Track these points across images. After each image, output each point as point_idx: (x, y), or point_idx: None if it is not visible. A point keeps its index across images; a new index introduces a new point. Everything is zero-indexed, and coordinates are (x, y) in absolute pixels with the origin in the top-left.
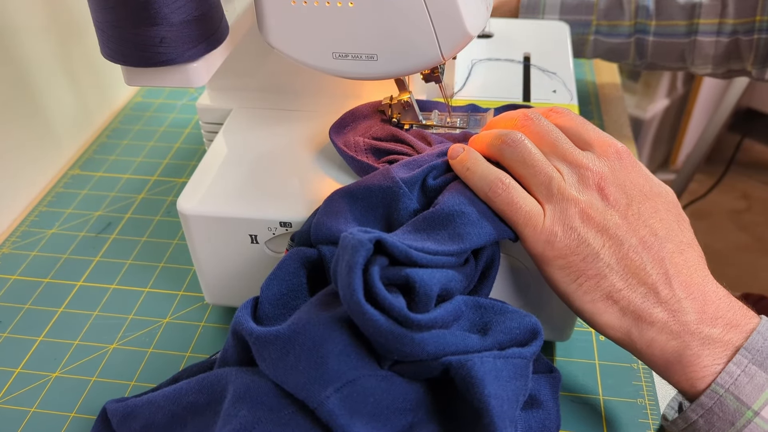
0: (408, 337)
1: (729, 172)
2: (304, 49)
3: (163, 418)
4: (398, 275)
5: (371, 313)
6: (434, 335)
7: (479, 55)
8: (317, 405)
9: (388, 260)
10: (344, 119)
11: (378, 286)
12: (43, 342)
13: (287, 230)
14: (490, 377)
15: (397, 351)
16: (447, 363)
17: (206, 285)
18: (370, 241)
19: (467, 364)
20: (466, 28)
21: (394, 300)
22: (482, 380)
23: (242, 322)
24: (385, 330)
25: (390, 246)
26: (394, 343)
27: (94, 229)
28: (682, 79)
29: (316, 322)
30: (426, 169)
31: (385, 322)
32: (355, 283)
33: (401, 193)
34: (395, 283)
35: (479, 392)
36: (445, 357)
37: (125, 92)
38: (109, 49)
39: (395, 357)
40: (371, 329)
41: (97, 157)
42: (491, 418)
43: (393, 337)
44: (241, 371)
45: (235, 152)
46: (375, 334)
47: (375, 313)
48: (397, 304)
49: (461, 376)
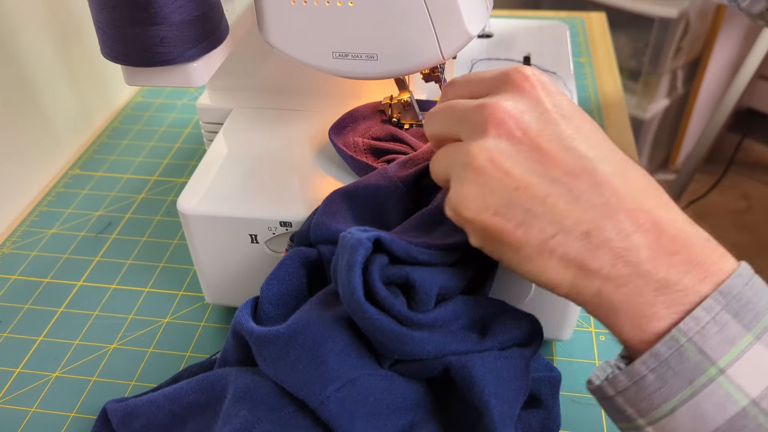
0: (408, 336)
1: (729, 172)
2: (304, 49)
3: (164, 417)
4: (398, 274)
5: (371, 312)
6: (435, 335)
7: (479, 55)
8: (317, 404)
9: (388, 259)
10: (344, 120)
11: (378, 285)
12: (44, 342)
13: (287, 230)
14: (491, 377)
15: (398, 350)
16: (447, 362)
17: (206, 285)
18: (369, 239)
19: (467, 364)
20: (467, 27)
21: (395, 299)
22: (482, 380)
23: (242, 322)
24: (385, 329)
25: (389, 244)
26: (394, 342)
27: (95, 228)
28: (682, 79)
29: (316, 322)
30: (423, 167)
31: (386, 321)
32: (355, 282)
33: (399, 192)
34: (395, 282)
35: (480, 392)
36: (445, 356)
37: (125, 92)
38: (109, 48)
39: (396, 356)
40: (372, 328)
41: (97, 157)
42: (491, 418)
43: (393, 336)
44: (242, 371)
45: (235, 152)
46: (375, 334)
47: (375, 312)
48: (398, 303)
49: (461, 375)
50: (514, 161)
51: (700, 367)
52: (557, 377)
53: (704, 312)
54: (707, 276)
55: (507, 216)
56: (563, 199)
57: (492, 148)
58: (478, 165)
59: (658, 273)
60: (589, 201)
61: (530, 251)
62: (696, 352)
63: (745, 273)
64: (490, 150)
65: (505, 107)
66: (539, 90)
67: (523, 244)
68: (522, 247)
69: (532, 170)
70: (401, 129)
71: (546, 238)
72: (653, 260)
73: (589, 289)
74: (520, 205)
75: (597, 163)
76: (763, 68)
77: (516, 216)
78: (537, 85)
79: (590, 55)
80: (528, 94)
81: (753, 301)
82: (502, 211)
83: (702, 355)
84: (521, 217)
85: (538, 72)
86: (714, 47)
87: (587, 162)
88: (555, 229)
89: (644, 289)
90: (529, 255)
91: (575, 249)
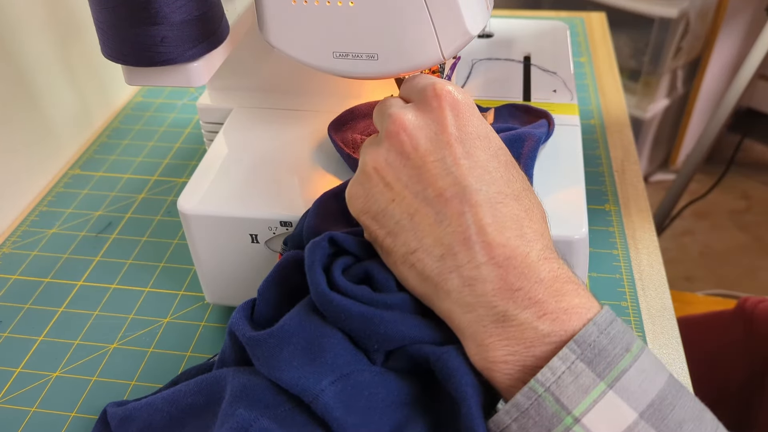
0: (378, 317)
1: (729, 172)
2: (304, 49)
3: (162, 420)
4: (359, 270)
5: (338, 300)
6: (407, 318)
7: (479, 55)
8: (312, 399)
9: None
10: (343, 117)
11: (339, 278)
12: (44, 342)
13: (287, 230)
14: (466, 368)
15: (374, 334)
16: (425, 354)
17: (207, 284)
18: (323, 239)
19: (443, 356)
20: (467, 27)
21: (357, 287)
22: (458, 370)
23: (237, 323)
24: (354, 313)
25: (342, 241)
26: (368, 324)
27: (95, 228)
28: (682, 79)
29: (308, 320)
30: None
31: (353, 305)
32: (317, 278)
33: None
34: (359, 277)
35: (457, 382)
36: (425, 344)
37: (125, 92)
38: (110, 48)
39: (375, 343)
40: (342, 316)
41: (97, 157)
42: (469, 408)
43: (364, 319)
44: (238, 371)
45: (235, 152)
46: (347, 321)
47: (341, 299)
48: (361, 289)
49: (439, 367)
50: (396, 175)
51: (557, 417)
52: None
53: (560, 362)
54: (546, 314)
55: (381, 223)
56: (429, 219)
57: (380, 159)
58: (366, 170)
59: (497, 306)
60: (450, 226)
61: (396, 258)
62: (553, 401)
63: (602, 321)
64: (379, 160)
65: (403, 121)
66: (446, 110)
67: (391, 252)
68: (390, 253)
69: (411, 186)
70: None
71: (408, 252)
72: (496, 293)
73: (443, 307)
74: (392, 216)
75: (471, 192)
76: (763, 68)
77: (387, 225)
78: (445, 105)
79: (590, 55)
80: (433, 112)
81: (607, 348)
82: (378, 217)
83: (559, 404)
84: (391, 227)
85: (457, 91)
86: (714, 47)
87: (461, 189)
88: (416, 245)
89: (485, 319)
90: (395, 262)
91: (431, 268)
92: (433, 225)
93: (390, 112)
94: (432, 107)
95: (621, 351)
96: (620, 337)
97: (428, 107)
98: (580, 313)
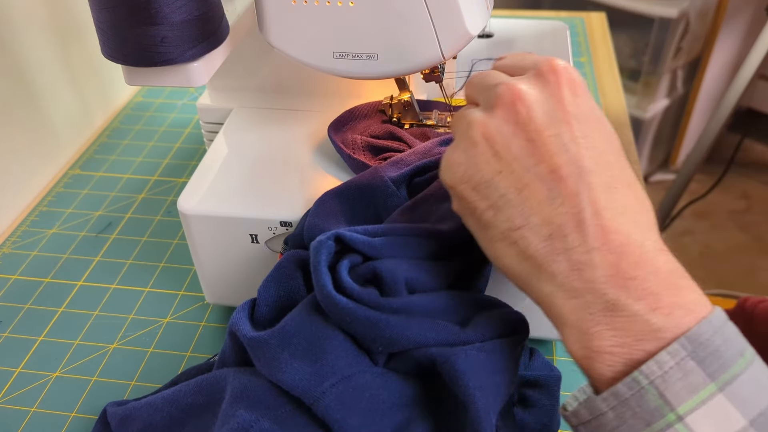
0: (384, 321)
1: (729, 172)
2: (304, 49)
3: (162, 419)
4: (366, 269)
5: (344, 303)
6: (413, 321)
7: (479, 55)
8: (313, 401)
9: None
10: (343, 117)
11: (346, 279)
12: (44, 342)
13: (287, 230)
14: (474, 370)
15: (379, 338)
16: (432, 356)
17: (207, 285)
18: (329, 238)
19: (451, 358)
20: (467, 27)
21: (364, 290)
22: (465, 373)
23: (238, 323)
24: (360, 317)
25: (348, 239)
26: (372, 328)
27: (95, 228)
28: (682, 79)
29: (309, 321)
30: (413, 168)
31: (359, 309)
32: (323, 279)
33: (390, 191)
34: (366, 277)
35: (464, 385)
36: (429, 347)
37: (125, 92)
38: (110, 48)
39: (379, 346)
40: (348, 319)
41: (97, 157)
42: (476, 411)
43: (369, 323)
44: (239, 371)
45: (235, 152)
46: (352, 324)
47: (348, 302)
48: (368, 292)
49: (446, 369)
50: (506, 145)
51: (659, 411)
52: (557, 377)
53: (668, 356)
54: (659, 308)
55: (483, 194)
56: (539, 196)
57: (491, 126)
58: (473, 137)
59: (608, 294)
60: (563, 206)
61: (495, 234)
62: (657, 396)
63: (716, 320)
64: (489, 127)
65: (519, 91)
66: (563, 86)
67: (490, 226)
68: (488, 227)
69: (522, 159)
70: (401, 129)
71: (511, 228)
72: (608, 281)
73: (542, 290)
74: (497, 189)
75: (588, 173)
76: (763, 68)
77: (490, 197)
78: (563, 81)
79: (590, 55)
80: (550, 86)
81: (720, 350)
82: (480, 188)
83: (662, 399)
84: (495, 199)
85: (572, 69)
86: (714, 47)
87: (578, 169)
88: (521, 221)
89: (593, 306)
90: (493, 237)
91: (535, 247)
92: (543, 202)
93: (503, 81)
94: (549, 81)
95: (735, 354)
96: (734, 339)
97: (544, 81)
98: (695, 310)
